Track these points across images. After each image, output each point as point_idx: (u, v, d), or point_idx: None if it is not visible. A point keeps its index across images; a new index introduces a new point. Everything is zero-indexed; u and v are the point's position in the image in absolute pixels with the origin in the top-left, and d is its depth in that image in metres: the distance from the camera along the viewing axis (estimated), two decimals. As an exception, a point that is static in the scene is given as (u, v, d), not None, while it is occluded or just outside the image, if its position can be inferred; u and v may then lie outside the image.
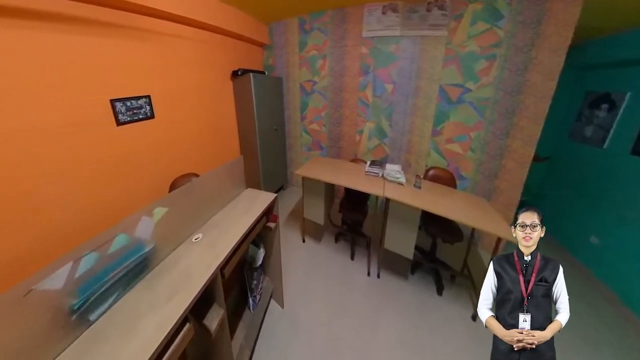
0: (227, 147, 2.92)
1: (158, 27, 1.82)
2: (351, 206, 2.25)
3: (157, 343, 0.70)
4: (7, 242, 1.18)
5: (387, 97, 2.73)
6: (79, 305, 0.71)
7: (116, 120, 1.58)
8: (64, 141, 1.36)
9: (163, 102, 1.92)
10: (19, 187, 1.21)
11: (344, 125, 3.10)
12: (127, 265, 0.85)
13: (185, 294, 0.86)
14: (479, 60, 2.23)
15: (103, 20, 1.47)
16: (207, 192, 1.32)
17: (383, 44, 2.61)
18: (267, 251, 1.64)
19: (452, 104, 2.43)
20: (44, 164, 1.29)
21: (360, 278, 2.06)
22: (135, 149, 1.75)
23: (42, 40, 1.25)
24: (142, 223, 0.95)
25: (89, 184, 1.51)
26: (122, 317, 0.78)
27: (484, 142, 2.38)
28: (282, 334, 1.59)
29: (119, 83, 1.60)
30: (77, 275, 0.72)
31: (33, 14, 1.20)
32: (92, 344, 0.70)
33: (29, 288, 0.62)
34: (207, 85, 2.42)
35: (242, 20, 2.62)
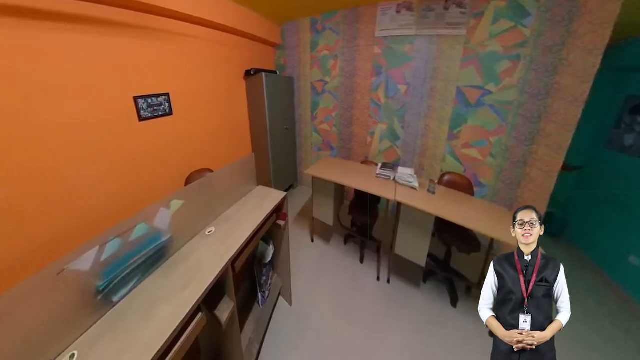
0: (240, 144, 3.03)
1: (177, 28, 1.94)
2: (361, 208, 2.24)
3: (172, 328, 0.75)
4: (48, 223, 1.33)
5: (400, 98, 2.70)
6: (103, 286, 0.77)
7: (138, 116, 1.72)
8: (93, 134, 1.51)
9: (181, 100, 2.04)
10: (58, 173, 1.37)
11: (354, 126, 3.11)
12: (146, 253, 0.91)
13: (198, 284, 0.91)
14: (502, 60, 2.13)
15: (129, 22, 1.60)
16: (220, 188, 1.38)
17: (397, 43, 2.58)
18: (276, 248, 1.69)
19: (471, 107, 2.35)
20: (77, 153, 1.44)
21: (370, 282, 2.05)
22: (155, 143, 1.88)
23: (77, 42, 1.38)
24: (160, 214, 1.02)
25: (114, 174, 1.64)
26: (141, 301, 0.84)
27: (506, 147, 2.27)
28: (289, 331, 1.63)
29: (141, 81, 1.73)
30: (102, 259, 0.79)
31: (71, 17, 1.33)
32: (115, 323, 0.76)
33: (62, 267, 0.69)
34: (221, 84, 2.54)
35: (256, 21, 2.72)
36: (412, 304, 1.85)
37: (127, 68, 1.63)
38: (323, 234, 2.67)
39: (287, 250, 1.71)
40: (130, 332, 0.74)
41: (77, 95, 1.40)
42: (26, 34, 1.19)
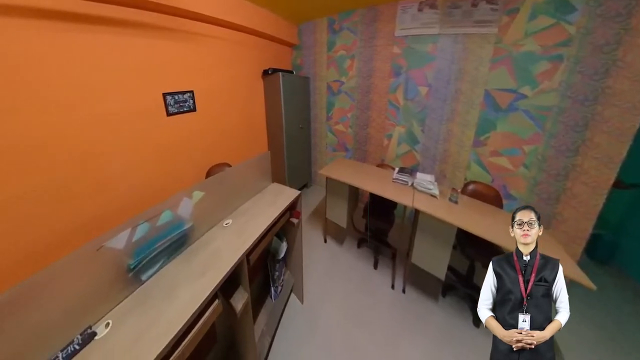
0: (256, 141, 3.18)
1: (202, 29, 2.10)
2: (376, 213, 2.23)
3: (192, 310, 0.82)
4: (90, 203, 1.53)
5: (421, 100, 2.65)
6: (134, 265, 0.87)
7: (166, 111, 1.91)
8: (128, 127, 1.69)
9: (203, 97, 2.22)
10: (99, 160, 1.57)
11: (371, 128, 3.11)
12: (170, 238, 1.01)
13: (216, 273, 0.99)
14: (539, 61, 1.98)
15: (159, 24, 1.78)
16: (237, 182, 1.48)
17: (418, 43, 2.54)
18: (289, 245, 1.75)
19: (501, 112, 2.22)
20: (114, 144, 1.63)
21: (383, 290, 2.04)
22: (180, 137, 2.06)
23: (114, 43, 1.56)
24: (183, 203, 1.11)
25: (144, 163, 1.83)
26: (165, 283, 0.93)
27: (543, 158, 2.10)
28: (300, 328, 1.68)
29: (169, 79, 1.91)
30: (134, 240, 0.89)
31: (110, 21, 1.51)
32: (143, 299, 0.85)
33: (101, 244, 0.79)
34: (240, 83, 2.70)
35: (274, 22, 2.86)
36: (429, 318, 1.79)
37: (158, 67, 1.82)
38: (336, 235, 2.71)
39: (299, 249, 1.77)
40: (156, 309, 0.82)
41: (115, 91, 1.60)
42: (72, 36, 1.37)
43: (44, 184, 1.33)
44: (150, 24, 1.71)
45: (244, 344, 1.23)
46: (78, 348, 0.68)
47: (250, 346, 1.20)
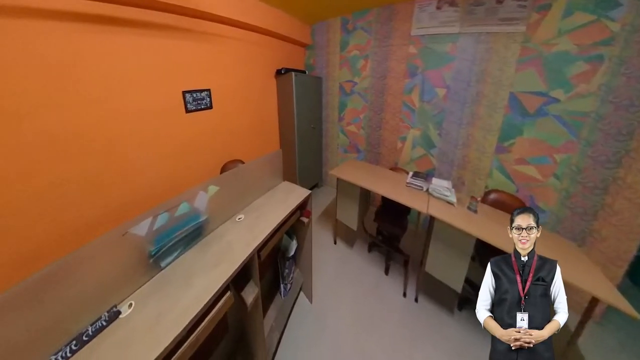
0: (269, 140, 3.30)
1: (218, 30, 2.23)
2: (388, 217, 2.23)
3: (206, 299, 0.88)
4: (118, 192, 1.67)
5: (438, 102, 2.61)
6: (155, 252, 0.94)
7: (185, 108, 2.05)
8: (151, 122, 1.84)
9: (219, 96, 2.35)
10: (126, 152, 1.72)
11: (384, 130, 3.12)
12: (187, 229, 1.08)
13: (228, 265, 1.05)
14: (575, 62, 1.85)
15: (180, 26, 1.91)
16: (250, 179, 1.55)
17: (436, 42, 2.50)
18: (299, 244, 1.80)
19: (528, 117, 2.11)
20: (139, 137, 1.78)
21: (395, 297, 2.03)
22: (197, 133, 2.20)
23: (140, 44, 1.70)
24: (199, 196, 1.19)
25: (165, 157, 1.97)
26: (182, 271, 1.00)
27: (578, 169, 1.96)
28: (309, 327, 1.72)
29: (188, 77, 2.05)
30: (154, 228, 0.96)
31: (136, 23, 1.65)
32: (162, 285, 0.93)
33: (126, 230, 0.87)
34: (254, 82, 2.81)
35: (288, 23, 2.96)
36: (443, 331, 1.75)
37: (178, 66, 1.96)
38: (346, 237, 2.74)
39: (309, 248, 1.82)
40: (173, 295, 0.89)
41: (139, 89, 1.74)
42: (102, 38, 1.51)
43: (79, 172, 1.49)
44: (172, 26, 1.85)
45: (254, 336, 1.28)
46: (105, 324, 0.76)
47: (260, 339, 1.25)
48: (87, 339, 0.71)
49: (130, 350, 0.70)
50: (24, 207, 1.28)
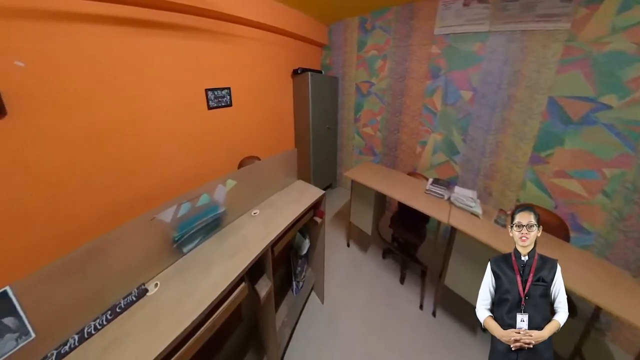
0: (284, 138, 3.46)
1: (238, 31, 2.40)
2: (405, 224, 2.22)
3: (223, 286, 0.97)
4: (146, 181, 1.90)
5: (463, 106, 2.54)
6: (178, 238, 1.05)
7: (207, 105, 2.26)
8: (177, 117, 2.04)
9: (238, 94, 2.54)
10: (154, 144, 1.92)
11: (402, 133, 3.12)
12: (207, 219, 1.19)
13: (243, 257, 1.13)
14: (633, 64, 1.70)
15: (203, 27, 2.09)
16: (265, 175, 1.65)
17: (462, 42, 2.44)
18: (312, 243, 1.88)
19: (571, 125, 1.96)
20: (164, 131, 1.98)
21: (410, 308, 2.02)
22: (218, 129, 2.41)
23: (168, 44, 1.89)
24: (218, 189, 1.30)
25: (188, 151, 2.18)
26: (202, 258, 1.10)
27: (633, 186, 1.78)
28: (320, 327, 1.78)
29: (210, 76, 2.25)
30: (178, 216, 1.07)
31: (164, 25, 1.84)
32: (183, 269, 1.03)
33: (153, 216, 0.99)
34: (271, 81, 2.97)
35: (305, 23, 3.10)
36: (464, 351, 1.69)
37: (201, 65, 2.15)
38: (360, 241, 2.78)
39: (322, 248, 1.88)
40: (194, 279, 0.99)
41: (167, 86, 1.94)
42: (135, 39, 1.70)
43: (114, 161, 1.71)
44: (196, 27, 2.03)
45: (266, 329, 1.36)
46: (134, 299, 0.86)
47: (272, 333, 1.32)
48: (120, 311, 0.82)
49: (156, 326, 0.80)
50: (71, 190, 1.51)
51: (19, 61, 1.25)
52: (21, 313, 0.64)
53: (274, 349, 1.36)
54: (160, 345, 0.73)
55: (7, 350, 0.62)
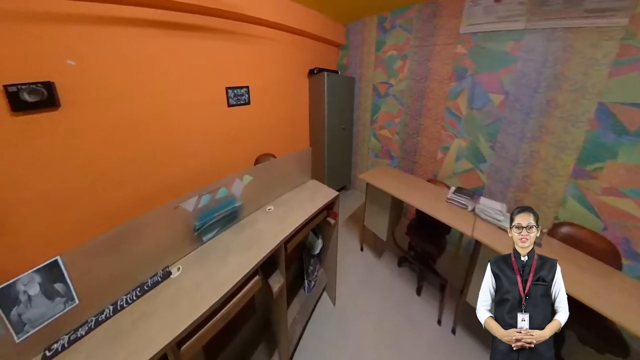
0: (299, 137, 3.65)
1: (257, 32, 2.58)
2: (423, 233, 2.20)
3: (239, 276, 1.07)
4: (173, 171, 2.17)
5: (492, 111, 2.46)
6: (198, 227, 1.17)
7: (227, 102, 2.49)
8: (200, 113, 2.28)
9: (256, 93, 2.75)
10: (180, 137, 2.18)
11: (422, 137, 3.12)
12: (225, 211, 1.30)
13: (258, 250, 1.23)
14: None
15: (225, 28, 2.29)
16: (280, 173, 1.76)
17: (492, 41, 2.37)
18: (324, 244, 1.96)
19: (627, 135, 1.82)
20: (190, 126, 2.23)
21: (427, 322, 1.99)
22: (236, 125, 2.64)
23: (193, 45, 2.11)
24: (235, 184, 1.41)
25: (209, 145, 2.42)
26: (219, 248, 1.21)
27: None
28: (331, 329, 1.85)
29: (230, 75, 2.47)
30: (199, 206, 1.19)
31: (189, 26, 2.05)
32: (203, 256, 1.14)
33: (177, 205, 1.11)
34: (287, 81, 3.15)
35: (322, 23, 3.25)
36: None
37: (222, 64, 2.38)
38: (374, 246, 2.82)
39: (334, 250, 1.96)
40: (212, 267, 1.10)
41: (191, 84, 2.18)
42: (163, 40, 1.93)
43: (145, 152, 1.96)
44: (218, 28, 2.23)
45: (278, 324, 1.45)
46: (160, 280, 0.98)
47: (283, 328, 1.41)
48: (147, 289, 0.94)
49: (178, 306, 0.90)
50: (109, 175, 1.79)
51: (71, 60, 1.50)
52: (68, 281, 0.77)
53: (285, 344, 1.44)
54: (180, 326, 0.83)
55: (57, 311, 0.75)
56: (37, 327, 0.71)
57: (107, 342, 0.77)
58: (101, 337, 0.79)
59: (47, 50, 1.43)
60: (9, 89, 1.32)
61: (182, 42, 2.03)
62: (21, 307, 0.68)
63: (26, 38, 1.37)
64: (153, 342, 0.77)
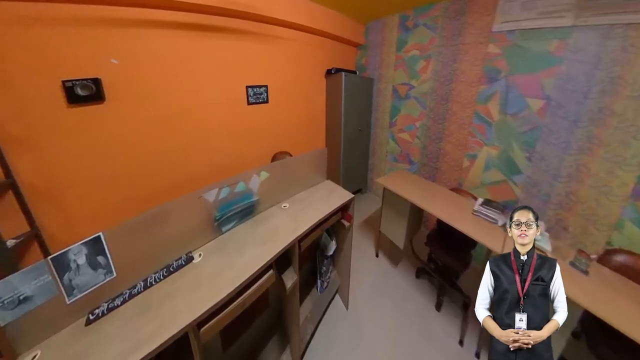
0: (315, 137, 3.88)
1: (276, 32, 2.80)
2: (445, 246, 2.19)
3: (255, 268, 1.19)
4: (198, 163, 2.48)
5: (529, 117, 2.38)
6: (218, 217, 1.31)
7: (247, 100, 2.78)
8: (222, 110, 2.58)
9: (274, 91, 3.01)
10: (205, 133, 2.49)
11: (446, 143, 3.13)
12: (243, 205, 1.45)
13: (273, 245, 1.35)
14: None
15: (246, 29, 2.54)
16: (296, 171, 1.89)
17: (531, 39, 2.30)
18: (338, 245, 2.06)
19: None
20: (213, 121, 2.54)
21: (447, 342, 1.97)
22: (255, 123, 2.92)
23: (217, 45, 2.39)
24: (253, 179, 1.56)
25: (230, 141, 2.72)
26: (237, 239, 1.35)
27: None
28: (343, 333, 1.95)
29: (250, 74, 2.74)
30: (219, 198, 1.34)
31: (215, 28, 2.31)
32: (222, 246, 1.29)
33: (200, 195, 1.26)
34: (305, 81, 3.36)
35: (341, 23, 3.42)
36: None
37: (243, 63, 2.65)
38: (390, 254, 2.89)
39: (348, 253, 2.06)
40: (230, 256, 1.23)
41: (216, 82, 2.47)
42: (192, 41, 2.20)
43: (175, 144, 2.29)
44: (240, 29, 2.47)
45: (290, 319, 1.56)
46: (183, 263, 1.12)
47: (295, 324, 1.51)
48: (172, 271, 1.08)
49: (199, 290, 1.03)
50: (146, 164, 2.13)
51: (114, 59, 1.81)
52: (108, 255, 0.92)
53: (297, 340, 1.55)
54: (201, 308, 0.95)
55: (98, 281, 0.90)
56: (83, 292, 0.86)
57: (139, 314, 0.91)
58: (133, 308, 0.93)
59: (96, 50, 1.75)
60: (66, 84, 1.66)
61: (206, 42, 2.29)
62: (71, 273, 0.84)
63: (80, 40, 1.69)
64: (177, 320, 0.90)
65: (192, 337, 0.95)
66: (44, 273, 0.78)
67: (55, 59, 1.62)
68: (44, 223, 1.73)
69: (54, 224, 1.77)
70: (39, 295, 0.77)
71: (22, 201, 1.63)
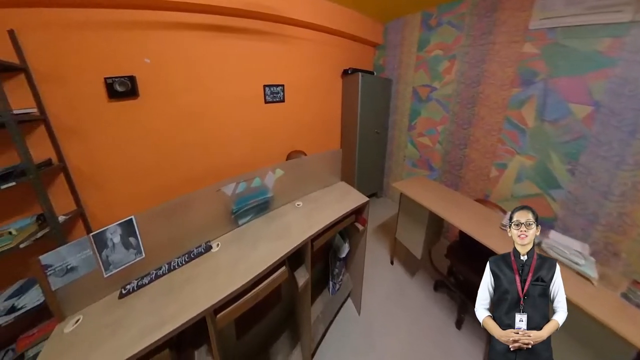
0: (330, 138, 4.13)
1: (293, 32, 3.02)
2: (468, 260, 2.17)
3: (269, 262, 1.33)
4: (219, 157, 2.85)
5: (573, 125, 2.26)
6: (235, 211, 1.47)
7: (264, 99, 3.08)
8: (240, 108, 2.89)
9: (291, 91, 3.27)
10: (224, 128, 2.83)
11: (471, 150, 3.11)
12: (258, 200, 1.60)
13: (286, 242, 1.48)
14: None
15: (264, 30, 2.79)
16: (310, 170, 2.04)
17: (578, 37, 2.18)
18: (351, 248, 2.18)
19: None
20: (232, 118, 2.86)
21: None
22: (271, 121, 3.22)
23: (236, 45, 2.69)
24: (268, 176, 1.71)
25: (247, 138, 3.04)
26: (252, 233, 1.50)
27: None
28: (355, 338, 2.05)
29: (268, 73, 3.02)
30: (236, 192, 1.50)
31: (234, 29, 2.57)
32: (238, 238, 1.44)
33: (219, 188, 1.43)
34: (321, 81, 3.57)
35: (359, 22, 3.59)
36: None
37: (260, 63, 2.93)
38: (406, 262, 2.97)
39: (362, 257, 2.16)
40: (246, 249, 1.37)
41: (235, 80, 2.79)
42: (213, 41, 2.49)
43: (197, 139, 2.65)
44: (258, 30, 2.71)
45: (301, 318, 1.68)
46: (203, 251, 1.28)
47: (306, 322, 1.64)
48: (193, 257, 1.24)
49: (217, 278, 1.18)
50: (172, 156, 2.51)
51: (147, 58, 2.13)
52: (139, 237, 1.09)
53: (308, 339, 1.67)
54: (218, 295, 1.08)
55: (130, 260, 1.06)
56: (118, 268, 1.03)
57: (163, 294, 1.07)
58: (159, 288, 1.09)
59: (131, 50, 2.11)
60: (107, 81, 2.03)
61: (226, 43, 2.57)
62: (108, 250, 1.01)
63: (119, 41, 2.05)
64: (196, 303, 1.03)
65: (209, 321, 1.08)
66: (86, 247, 0.95)
67: (99, 58, 1.99)
68: (87, 203, 2.15)
69: (95, 204, 2.19)
70: (82, 266, 0.94)
71: (71, 183, 2.05)
